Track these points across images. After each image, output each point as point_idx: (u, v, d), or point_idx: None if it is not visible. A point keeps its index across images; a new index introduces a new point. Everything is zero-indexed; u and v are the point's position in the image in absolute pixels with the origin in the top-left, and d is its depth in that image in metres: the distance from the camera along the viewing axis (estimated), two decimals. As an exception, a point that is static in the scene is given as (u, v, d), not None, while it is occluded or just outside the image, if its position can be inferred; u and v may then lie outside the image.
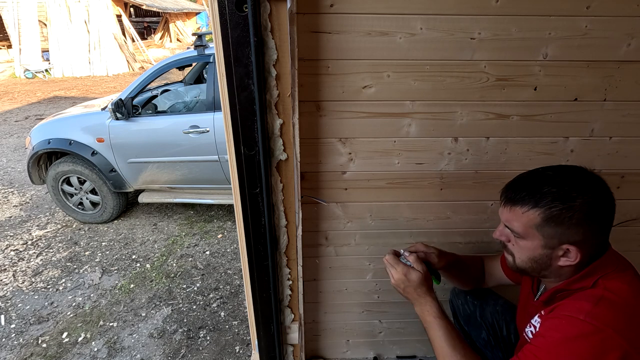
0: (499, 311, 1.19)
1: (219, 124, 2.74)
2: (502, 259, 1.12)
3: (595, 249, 0.79)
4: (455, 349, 0.84)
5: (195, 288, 2.42)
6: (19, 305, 2.30)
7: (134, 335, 2.05)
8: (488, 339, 1.21)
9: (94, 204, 3.16)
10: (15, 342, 2.02)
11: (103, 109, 2.97)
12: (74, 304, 2.29)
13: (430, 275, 0.97)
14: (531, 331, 0.90)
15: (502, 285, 1.15)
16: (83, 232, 3.11)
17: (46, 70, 10.48)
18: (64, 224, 3.23)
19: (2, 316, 2.21)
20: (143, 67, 11.32)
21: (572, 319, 0.74)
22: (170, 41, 15.16)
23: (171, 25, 15.17)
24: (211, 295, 2.35)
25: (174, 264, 2.67)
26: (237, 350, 1.94)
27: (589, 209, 0.74)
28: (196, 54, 2.89)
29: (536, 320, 0.89)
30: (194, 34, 3.05)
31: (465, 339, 1.30)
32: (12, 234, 3.09)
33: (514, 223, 0.81)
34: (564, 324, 0.75)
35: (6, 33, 10.87)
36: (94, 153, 2.88)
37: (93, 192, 3.09)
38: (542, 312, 0.87)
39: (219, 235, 3.03)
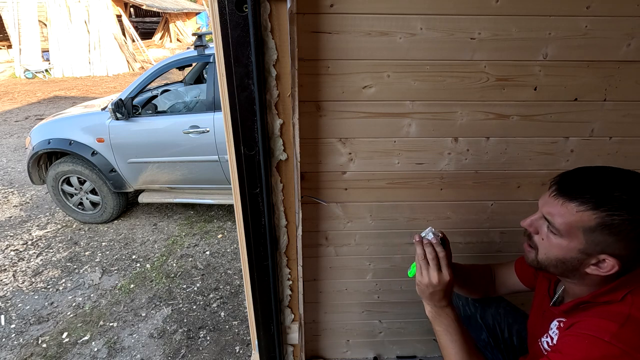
0: (501, 314, 1.18)
1: (219, 124, 2.74)
2: (517, 265, 1.08)
3: (634, 265, 0.72)
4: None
5: (195, 288, 2.42)
6: (19, 305, 2.30)
7: (134, 335, 2.05)
8: (488, 341, 1.20)
9: (94, 204, 3.16)
10: (15, 342, 2.02)
11: (103, 109, 2.97)
12: (74, 304, 2.29)
13: (453, 280, 0.90)
14: (547, 342, 0.86)
15: (515, 292, 1.12)
16: (83, 232, 3.12)
17: (46, 71, 10.48)
18: (64, 224, 3.23)
19: (2, 316, 2.21)
20: (143, 67, 11.32)
21: (596, 340, 0.69)
22: (170, 41, 15.16)
23: (171, 25, 15.17)
24: (211, 296, 2.35)
25: (174, 264, 2.67)
26: (237, 350, 1.94)
27: None
28: (196, 54, 2.89)
29: (554, 332, 0.84)
30: (194, 34, 3.05)
31: None
32: (12, 234, 3.09)
33: (558, 219, 0.73)
34: (586, 344, 0.70)
35: (6, 33, 10.87)
36: (94, 153, 2.88)
37: (93, 192, 3.09)
38: (562, 324, 0.83)
39: (219, 235, 3.03)
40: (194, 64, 3.85)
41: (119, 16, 11.52)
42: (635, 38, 1.00)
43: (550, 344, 0.84)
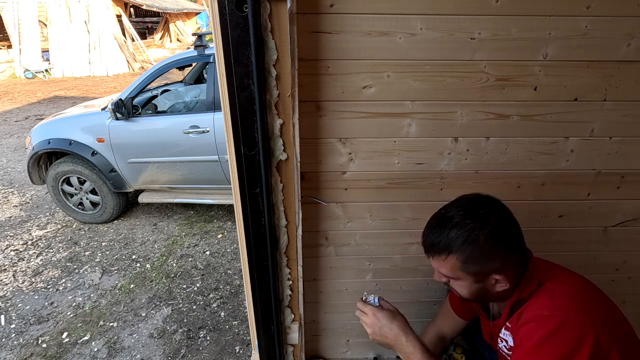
0: None
1: (219, 124, 2.74)
2: (450, 300, 1.19)
3: (520, 263, 0.85)
4: None
5: (195, 288, 2.42)
6: (19, 305, 2.30)
7: (134, 335, 2.05)
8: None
9: (94, 204, 3.16)
10: (15, 342, 2.02)
11: (103, 109, 2.97)
12: (74, 304, 2.29)
13: (399, 312, 0.97)
14: (504, 346, 0.92)
15: (458, 328, 1.20)
16: (83, 232, 3.11)
17: (46, 71, 10.48)
18: (64, 224, 3.23)
19: (2, 316, 2.21)
20: (143, 67, 11.32)
21: (539, 319, 0.77)
22: (170, 41, 15.16)
23: (171, 25, 15.17)
24: (211, 296, 2.35)
25: (174, 264, 2.67)
26: (237, 350, 1.94)
27: (494, 238, 0.79)
28: (196, 54, 2.89)
29: (504, 334, 0.91)
30: (194, 34, 3.05)
31: (464, 337, 1.30)
32: (12, 234, 3.09)
33: (442, 269, 0.86)
34: (534, 327, 0.77)
35: (6, 33, 10.86)
36: (94, 153, 2.88)
37: (93, 192, 3.09)
38: (508, 324, 0.89)
39: (219, 235, 3.03)
40: (194, 64, 3.85)
41: (119, 16, 11.52)
42: (635, 38, 1.00)
43: (507, 345, 0.90)
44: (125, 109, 2.76)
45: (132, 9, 15.64)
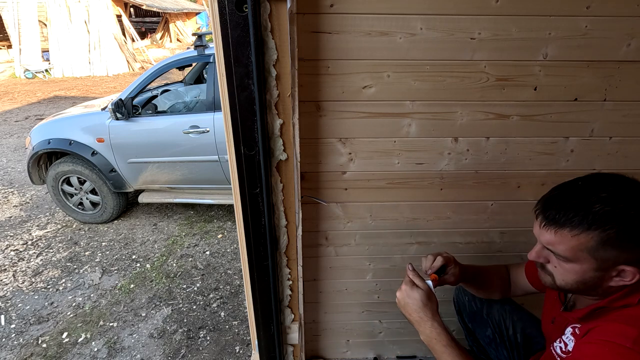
0: (507, 310, 1.17)
1: (219, 124, 2.74)
2: (527, 268, 1.06)
3: None
4: None
5: (195, 288, 2.42)
6: (19, 305, 2.30)
7: (134, 335, 2.05)
8: (493, 337, 1.20)
9: (94, 204, 3.16)
10: (15, 342, 2.02)
11: (103, 109, 2.97)
12: (74, 304, 2.29)
13: (434, 296, 0.91)
14: (560, 347, 0.82)
15: (527, 294, 1.10)
16: (83, 232, 3.11)
17: (46, 71, 10.47)
18: (64, 224, 3.23)
19: (2, 316, 2.21)
20: (143, 67, 11.32)
21: (616, 346, 0.66)
22: (170, 41, 15.16)
23: (171, 25, 15.17)
24: (211, 295, 2.35)
25: (174, 264, 2.67)
26: (237, 350, 1.94)
27: None
28: (196, 54, 2.89)
29: (569, 338, 0.81)
30: (194, 34, 3.05)
31: (469, 336, 1.29)
32: (12, 234, 3.09)
33: (560, 246, 0.72)
34: (607, 351, 0.66)
35: (6, 33, 10.87)
36: (94, 153, 2.88)
37: (93, 192, 3.09)
38: (577, 331, 0.79)
39: (219, 235, 3.03)
40: (194, 64, 3.85)
41: (119, 16, 11.52)
42: (635, 38, 1.00)
43: (564, 349, 0.81)
44: (125, 109, 2.76)
45: (132, 9, 15.64)
